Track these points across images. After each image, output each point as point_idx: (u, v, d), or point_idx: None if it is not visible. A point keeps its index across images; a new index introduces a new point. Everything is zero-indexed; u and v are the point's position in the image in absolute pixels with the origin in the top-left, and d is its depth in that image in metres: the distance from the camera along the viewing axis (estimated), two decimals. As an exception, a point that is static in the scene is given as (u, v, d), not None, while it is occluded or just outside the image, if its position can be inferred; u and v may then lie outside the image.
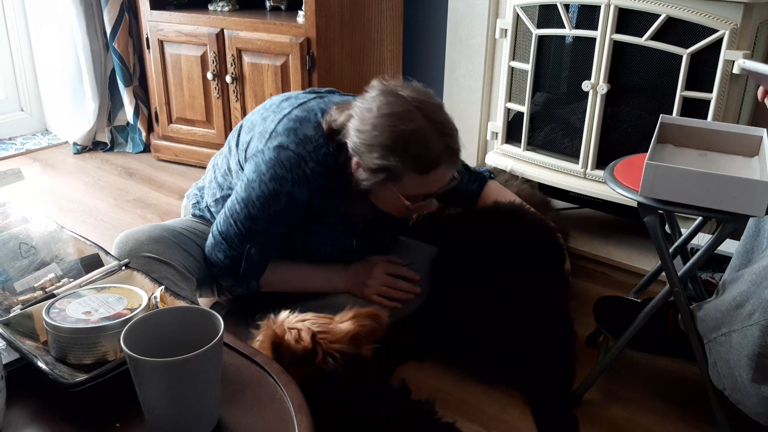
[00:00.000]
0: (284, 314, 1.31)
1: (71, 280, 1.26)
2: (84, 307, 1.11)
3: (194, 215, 1.92)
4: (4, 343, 1.09)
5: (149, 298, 1.15)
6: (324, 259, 1.80)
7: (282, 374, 1.10)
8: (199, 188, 1.96)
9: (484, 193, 2.00)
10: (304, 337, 1.22)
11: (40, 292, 1.23)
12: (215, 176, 1.86)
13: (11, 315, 1.14)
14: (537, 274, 1.79)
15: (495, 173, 2.17)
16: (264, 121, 1.72)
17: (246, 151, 1.73)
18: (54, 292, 1.21)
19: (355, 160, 1.59)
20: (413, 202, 1.61)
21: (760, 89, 1.53)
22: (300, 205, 1.66)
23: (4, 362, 0.99)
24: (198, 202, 1.92)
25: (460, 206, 2.05)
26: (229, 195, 1.75)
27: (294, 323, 1.26)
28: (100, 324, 1.06)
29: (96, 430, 1.00)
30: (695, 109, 2.11)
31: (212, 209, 1.85)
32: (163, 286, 1.20)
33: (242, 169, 1.73)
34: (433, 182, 1.58)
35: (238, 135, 1.80)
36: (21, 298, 1.22)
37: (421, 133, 1.51)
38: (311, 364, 1.22)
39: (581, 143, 2.34)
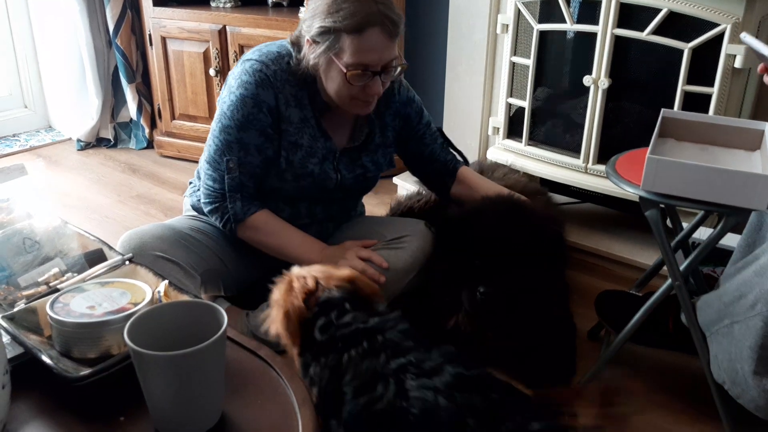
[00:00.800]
0: (296, 268, 1.36)
1: (75, 274, 1.27)
2: (88, 302, 1.11)
3: (193, 206, 1.93)
4: (9, 337, 1.09)
5: (153, 293, 1.16)
6: (308, 180, 1.81)
7: (285, 367, 1.10)
8: (196, 179, 1.98)
9: (463, 178, 2.01)
10: (309, 282, 1.27)
11: (44, 286, 1.24)
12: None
13: (16, 310, 1.15)
14: (539, 269, 1.79)
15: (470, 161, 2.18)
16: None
17: None
18: (58, 286, 1.22)
19: (306, 38, 1.68)
20: (355, 77, 1.64)
21: (761, 65, 1.52)
22: (268, 109, 1.72)
23: (9, 356, 1.00)
24: (195, 191, 1.93)
25: (433, 179, 2.05)
26: None
27: (302, 272, 1.32)
28: (104, 318, 1.07)
29: (100, 424, 1.00)
30: (697, 103, 2.10)
31: None
32: (166, 281, 1.21)
33: None
34: (369, 47, 1.62)
35: None
36: (25, 293, 1.22)
37: None
38: (313, 301, 1.26)
39: (582, 138, 2.34)
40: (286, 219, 1.86)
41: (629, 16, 2.15)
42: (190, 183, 2.01)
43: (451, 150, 2.06)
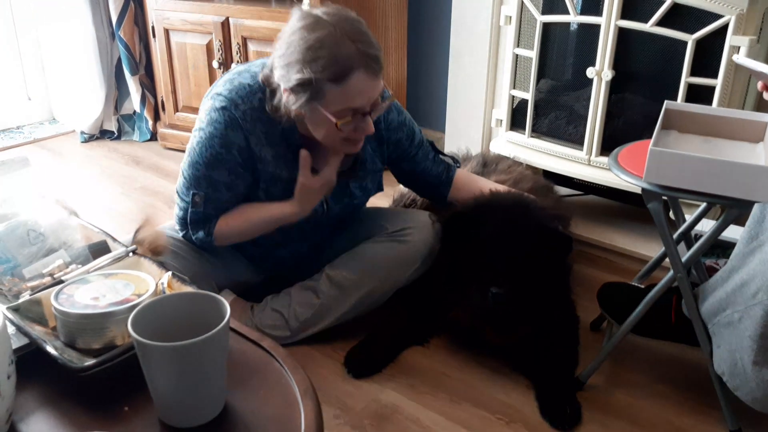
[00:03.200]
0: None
1: (79, 266, 1.27)
2: (92, 293, 1.12)
3: None
4: (14, 328, 1.10)
5: (156, 284, 1.16)
6: None
7: (288, 358, 1.11)
8: None
9: (461, 185, 1.99)
10: None
11: (49, 278, 1.24)
12: None
13: (20, 301, 1.15)
14: (547, 269, 1.79)
15: (460, 160, 2.17)
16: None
17: None
18: (62, 278, 1.22)
19: (282, 87, 1.59)
20: (346, 123, 1.57)
21: (760, 83, 1.53)
22: (238, 150, 1.67)
23: (14, 347, 1.00)
24: None
25: (427, 191, 2.03)
26: None
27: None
28: (108, 309, 1.07)
29: (105, 414, 1.01)
30: (700, 95, 2.10)
31: None
32: (170, 272, 1.21)
33: None
34: (355, 92, 1.53)
35: None
36: (30, 284, 1.23)
37: (329, 39, 1.50)
38: None
39: (586, 130, 2.34)
40: (278, 241, 1.85)
41: (633, 8, 2.14)
42: None
43: (443, 158, 2.01)
